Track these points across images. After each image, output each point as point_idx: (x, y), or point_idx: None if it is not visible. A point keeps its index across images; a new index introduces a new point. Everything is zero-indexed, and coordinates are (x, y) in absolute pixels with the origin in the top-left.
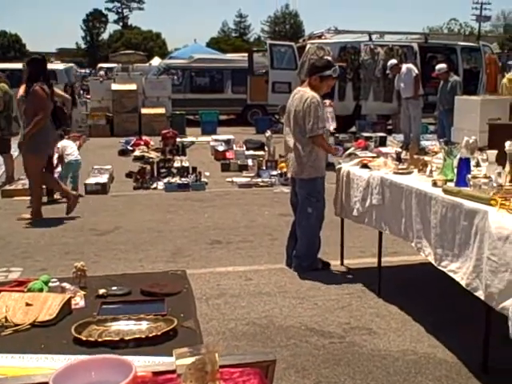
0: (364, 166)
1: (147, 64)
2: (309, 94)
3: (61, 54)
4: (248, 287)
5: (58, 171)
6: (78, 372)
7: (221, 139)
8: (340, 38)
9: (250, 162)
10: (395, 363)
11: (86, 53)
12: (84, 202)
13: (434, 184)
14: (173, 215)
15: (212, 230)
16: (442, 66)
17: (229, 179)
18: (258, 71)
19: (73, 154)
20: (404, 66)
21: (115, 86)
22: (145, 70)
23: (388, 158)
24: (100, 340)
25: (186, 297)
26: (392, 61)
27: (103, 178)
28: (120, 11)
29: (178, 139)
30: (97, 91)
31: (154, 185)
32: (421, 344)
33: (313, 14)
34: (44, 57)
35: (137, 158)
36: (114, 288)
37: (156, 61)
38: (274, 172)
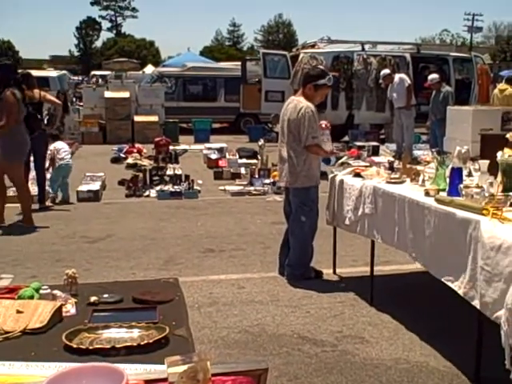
0: (357, 175)
1: (140, 72)
2: (303, 104)
3: (54, 61)
4: (240, 295)
5: (50, 173)
6: (69, 380)
7: (214, 147)
8: (333, 48)
9: (243, 171)
10: (388, 372)
11: (79, 60)
12: (76, 210)
13: (427, 193)
14: (165, 223)
15: (204, 238)
16: (435, 77)
17: (221, 187)
18: (251, 80)
19: (64, 159)
20: (397, 76)
21: (108, 94)
22: (138, 78)
23: (381, 168)
24: (91, 348)
25: (178, 305)
26: (385, 71)
27: (95, 186)
28: (113, 19)
29: (171, 147)
30: (90, 98)
31: (147, 192)
32: (413, 353)
33: (306, 24)
34: (14, 61)
35: (129, 166)
36: (106, 295)
37: (149, 69)
38: (267, 180)
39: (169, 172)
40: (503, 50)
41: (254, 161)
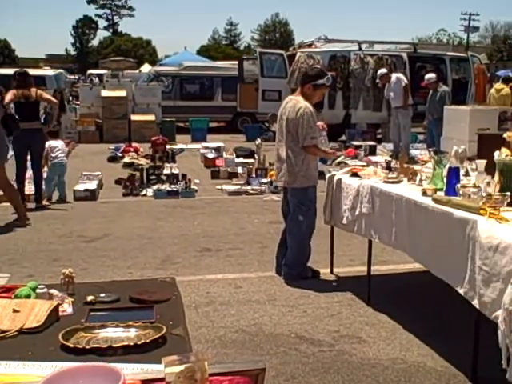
0: (354, 175)
1: (137, 71)
2: (302, 104)
3: (50, 60)
4: (237, 295)
5: (45, 171)
6: (66, 380)
7: (211, 146)
8: (330, 47)
9: (240, 170)
10: (385, 372)
11: (76, 59)
12: (73, 209)
13: (424, 193)
14: (162, 222)
15: (202, 238)
16: (431, 76)
17: (218, 187)
18: (248, 79)
19: (58, 157)
20: (394, 76)
21: (105, 93)
22: (135, 77)
23: (378, 167)
24: (88, 347)
25: (175, 304)
26: (382, 70)
27: (92, 185)
28: (110, 18)
29: (168, 146)
30: (86, 97)
31: (144, 192)
32: (410, 352)
33: (303, 23)
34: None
35: (126, 165)
36: (103, 295)
37: (146, 68)
38: (264, 180)
39: (166, 171)
40: (500, 50)
41: (251, 160)
